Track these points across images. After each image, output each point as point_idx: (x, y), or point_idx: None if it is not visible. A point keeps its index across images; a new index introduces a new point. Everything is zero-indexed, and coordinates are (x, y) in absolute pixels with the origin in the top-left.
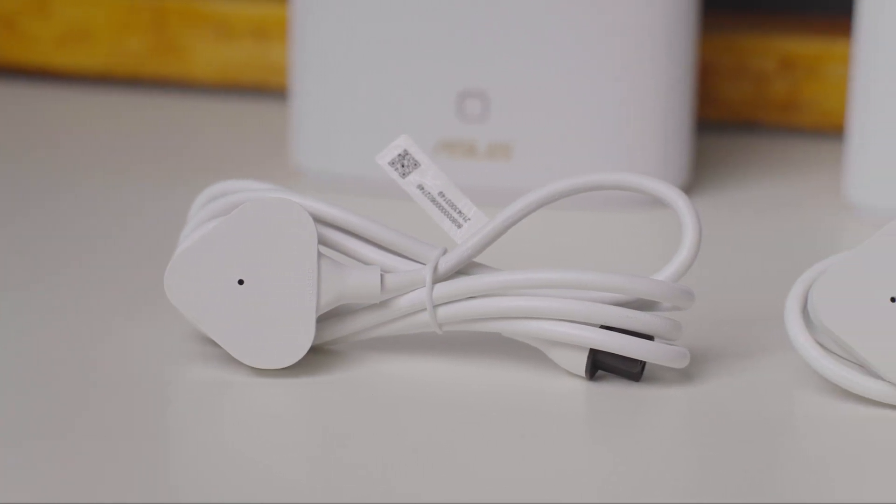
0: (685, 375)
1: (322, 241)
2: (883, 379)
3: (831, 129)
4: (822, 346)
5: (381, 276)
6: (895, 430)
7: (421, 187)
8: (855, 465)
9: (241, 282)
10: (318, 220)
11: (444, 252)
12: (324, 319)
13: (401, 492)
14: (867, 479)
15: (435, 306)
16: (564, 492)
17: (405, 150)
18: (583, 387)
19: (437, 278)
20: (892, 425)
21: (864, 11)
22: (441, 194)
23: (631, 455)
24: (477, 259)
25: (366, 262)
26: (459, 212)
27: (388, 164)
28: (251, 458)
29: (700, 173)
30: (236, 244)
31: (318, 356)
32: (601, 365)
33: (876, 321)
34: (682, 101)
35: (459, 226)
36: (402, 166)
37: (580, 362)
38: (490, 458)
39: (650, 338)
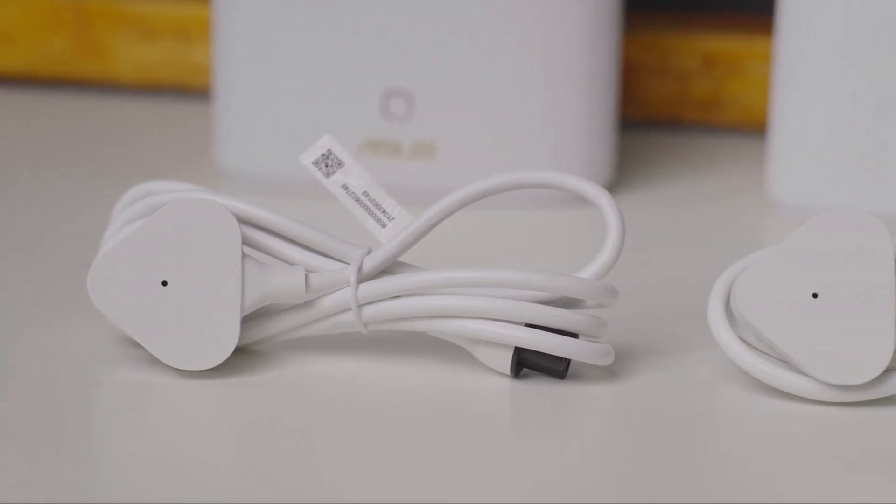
0: (609, 373)
1: (246, 242)
2: (805, 374)
3: (753, 127)
4: (744, 342)
5: (306, 276)
6: (817, 425)
7: (345, 187)
8: (777, 461)
9: (164, 283)
10: (242, 220)
11: (369, 252)
12: (248, 320)
13: (327, 492)
14: (790, 474)
15: (360, 306)
16: (490, 491)
17: (329, 150)
18: (508, 385)
19: (362, 278)
20: (813, 420)
21: (784, 9)
22: (365, 194)
23: (556, 453)
24: (402, 258)
25: (290, 263)
26: (384, 211)
27: (312, 164)
28: (176, 460)
29: (624, 171)
30: (159, 245)
31: (243, 357)
32: (526, 363)
33: (797, 317)
34: (605, 100)
35: (384, 225)
36: (326, 166)
37: (505, 361)
38: (416, 458)
39: (575, 335)
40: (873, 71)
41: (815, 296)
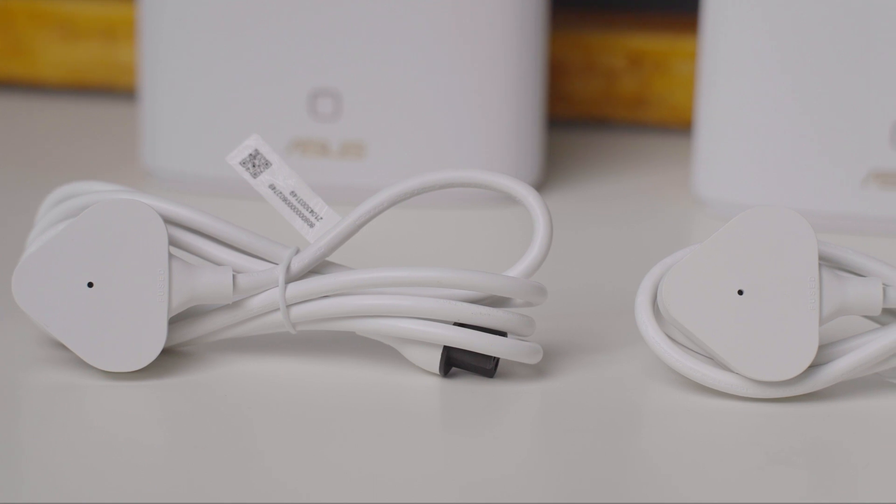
0: (538, 371)
1: (173, 243)
2: (731, 370)
3: (680, 125)
4: (671, 338)
5: (234, 276)
6: (743, 421)
7: (272, 187)
8: (704, 457)
9: (90, 284)
10: (169, 221)
11: (297, 251)
12: (176, 321)
13: (256, 492)
14: (716, 470)
15: (288, 306)
16: (420, 490)
17: (256, 150)
18: (437, 384)
19: (290, 278)
20: (739, 416)
21: (708, 8)
22: (293, 194)
23: (486, 452)
24: (330, 258)
25: (218, 263)
26: (312, 211)
27: (240, 163)
28: (105, 462)
29: (551, 170)
30: (85, 246)
31: (171, 358)
32: (455, 362)
33: (723, 313)
34: (532, 99)
35: (312, 225)
36: (254, 166)
37: (434, 360)
38: (346, 458)
39: (503, 334)
40: (796, 69)
41: (740, 292)
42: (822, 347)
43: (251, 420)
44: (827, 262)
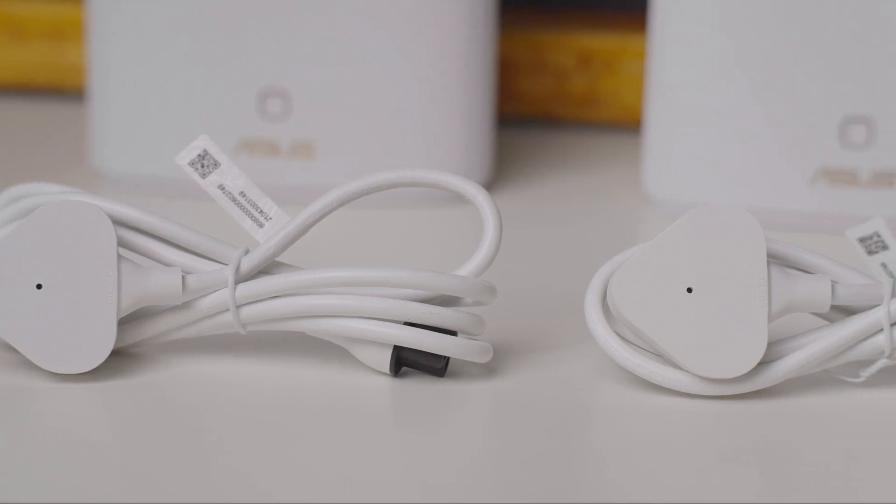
0: (489, 370)
1: (122, 244)
2: (680, 368)
3: (629, 124)
4: (621, 337)
5: (183, 277)
6: (693, 419)
7: (221, 187)
8: (655, 455)
9: (39, 286)
10: (118, 222)
11: (247, 252)
12: (125, 322)
13: (210, 493)
14: (667, 468)
15: (238, 307)
16: (372, 490)
17: (205, 150)
18: (387, 384)
19: (240, 278)
20: (690, 414)
21: (656, 7)
22: (242, 194)
23: (436, 451)
24: (280, 258)
25: (167, 264)
26: (261, 211)
27: (188, 164)
28: (55, 464)
29: (502, 169)
30: (34, 248)
31: (121, 359)
32: (405, 361)
33: (672, 311)
34: (482, 98)
35: (261, 225)
36: (202, 166)
37: (384, 359)
38: (296, 458)
39: (453, 333)
40: (745, 68)
41: (689, 290)
42: (770, 345)
43: (202, 421)
44: (776, 259)
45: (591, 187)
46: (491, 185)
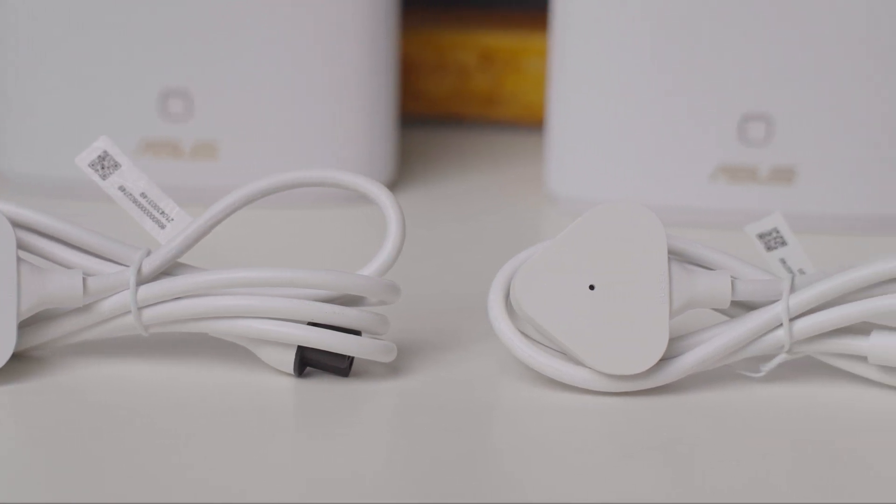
0: (393, 369)
1: (22, 246)
2: (583, 365)
3: (532, 122)
4: (524, 334)
5: (84, 279)
6: (597, 416)
7: (122, 189)
8: (559, 452)
9: None
10: (17, 224)
11: (148, 253)
12: (25, 325)
13: (111, 495)
14: (571, 464)
15: (139, 308)
16: (274, 490)
17: (105, 152)
18: (291, 384)
19: (142, 280)
20: (593, 411)
21: (557, 6)
22: (143, 195)
23: (340, 451)
24: (183, 259)
25: (67, 266)
26: (162, 212)
27: (89, 165)
28: None
29: (405, 168)
30: None
31: (21, 363)
32: (309, 361)
33: (575, 308)
34: (385, 97)
35: (163, 226)
36: (103, 168)
37: (288, 360)
38: (200, 459)
39: (357, 333)
40: (644, 66)
41: (591, 287)
42: (672, 341)
43: (104, 424)
44: (677, 256)
45: (494, 186)
46: (394, 184)
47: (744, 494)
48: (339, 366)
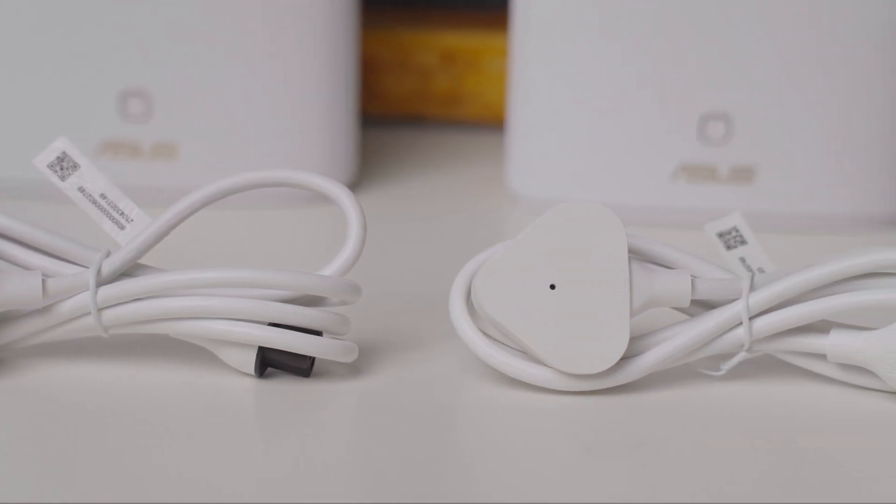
0: (354, 369)
1: None
2: (545, 364)
3: (493, 122)
4: (486, 334)
5: (43, 280)
6: (558, 415)
7: (81, 190)
8: (520, 451)
9: None
10: None
11: (108, 254)
12: None
13: (71, 495)
14: (533, 464)
15: (99, 309)
16: (234, 491)
17: (64, 153)
18: (253, 385)
19: (102, 281)
20: (554, 410)
21: (517, 6)
22: (103, 196)
23: (302, 451)
24: (143, 260)
25: (26, 268)
26: (122, 213)
27: (47, 166)
28: None
29: (366, 168)
30: None
31: None
32: (270, 362)
33: (536, 308)
34: (345, 97)
35: (122, 227)
36: (61, 169)
37: (249, 360)
38: (161, 460)
39: (319, 333)
40: (605, 65)
41: (552, 287)
42: (633, 340)
43: (63, 424)
44: (637, 255)
45: (455, 186)
46: (355, 184)
47: (707, 494)
48: (300, 366)
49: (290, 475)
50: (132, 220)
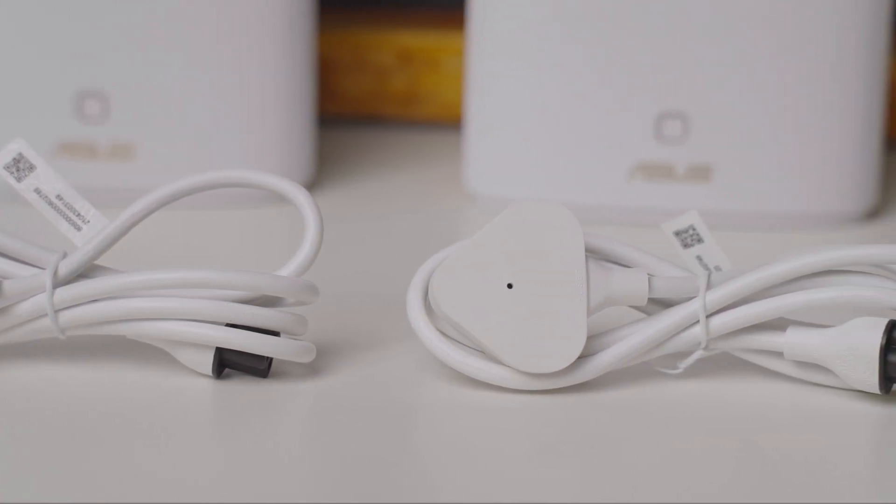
0: (312, 369)
1: None
2: (502, 363)
3: (450, 121)
4: (443, 333)
5: None
6: (515, 414)
7: (38, 191)
8: (478, 451)
9: None
10: None
11: (64, 255)
12: None
13: (25, 495)
14: (490, 463)
15: (56, 311)
16: (190, 492)
17: (20, 154)
18: (210, 385)
19: (58, 282)
20: (512, 409)
21: (473, 5)
22: (59, 197)
23: (258, 452)
24: (100, 261)
25: None
26: (79, 214)
27: (3, 168)
28: None
29: (324, 168)
30: None
31: None
32: (228, 363)
33: (493, 307)
34: (302, 97)
35: (79, 228)
36: (18, 170)
37: (206, 361)
38: (116, 461)
39: (276, 334)
40: (561, 64)
41: (509, 286)
42: (590, 338)
43: (20, 427)
44: (594, 253)
45: (413, 185)
46: (313, 184)
47: (665, 493)
48: (258, 367)
49: (248, 476)
50: (89, 222)
